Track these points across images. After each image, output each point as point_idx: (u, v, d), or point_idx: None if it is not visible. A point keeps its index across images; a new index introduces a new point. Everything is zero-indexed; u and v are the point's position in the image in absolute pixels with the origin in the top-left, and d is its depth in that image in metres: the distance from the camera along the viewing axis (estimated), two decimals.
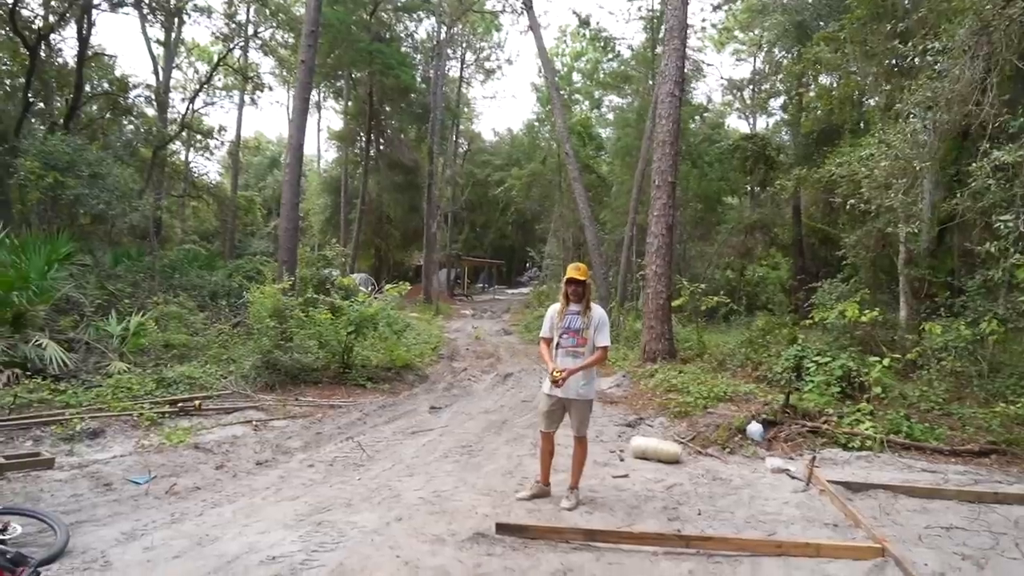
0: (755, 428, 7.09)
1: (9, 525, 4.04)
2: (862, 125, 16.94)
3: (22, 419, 6.80)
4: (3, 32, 18.89)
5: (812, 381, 8.63)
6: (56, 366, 8.46)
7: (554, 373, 5.00)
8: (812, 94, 20.61)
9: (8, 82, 19.84)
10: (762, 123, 34.62)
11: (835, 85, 15.53)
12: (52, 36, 18.98)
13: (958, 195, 8.48)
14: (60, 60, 20.70)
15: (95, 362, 9.30)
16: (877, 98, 13.44)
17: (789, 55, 22.30)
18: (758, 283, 23.87)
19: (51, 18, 18.32)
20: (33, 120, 18.77)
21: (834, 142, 16.29)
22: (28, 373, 8.13)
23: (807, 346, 9.78)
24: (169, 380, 8.92)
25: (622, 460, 6.57)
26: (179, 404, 8.04)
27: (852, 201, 10.11)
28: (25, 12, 17.59)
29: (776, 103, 29.73)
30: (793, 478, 5.90)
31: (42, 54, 17.88)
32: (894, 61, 12.04)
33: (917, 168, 8.77)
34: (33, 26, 17.45)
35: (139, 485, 5.47)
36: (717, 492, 5.54)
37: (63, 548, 3.88)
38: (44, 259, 9.79)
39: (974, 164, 7.58)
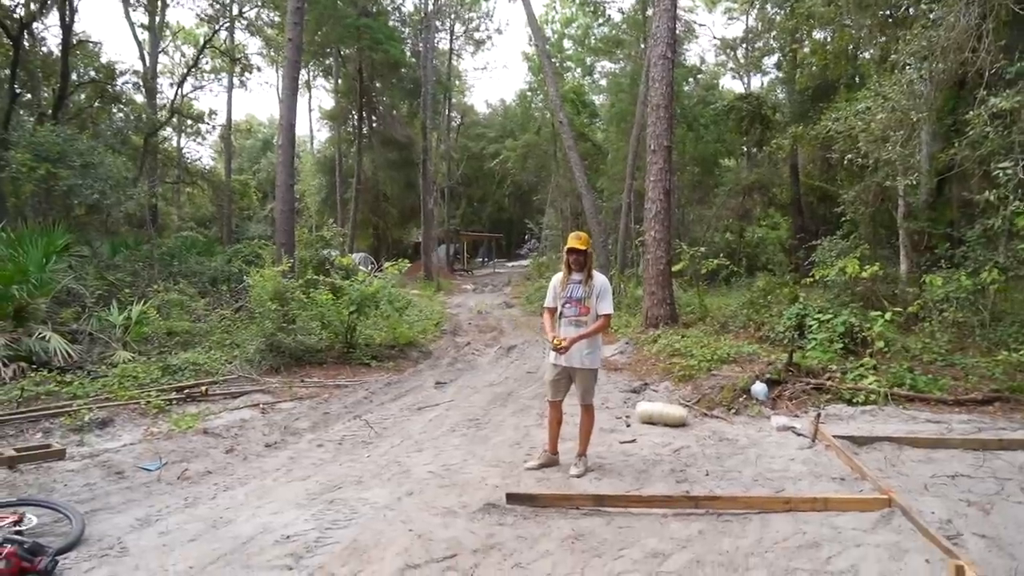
0: (759, 388, 7.12)
1: (25, 516, 4.07)
2: (857, 79, 16.75)
3: (31, 412, 6.84)
4: None
5: (815, 339, 8.65)
6: (61, 358, 8.49)
7: (555, 341, 5.01)
8: (806, 50, 20.33)
9: None
10: (756, 82, 34.24)
11: (829, 39, 15.29)
12: (35, 25, 18.72)
13: (956, 145, 8.40)
14: (44, 49, 20.48)
15: (99, 352, 9.33)
16: (872, 50, 13.28)
17: (782, 11, 21.96)
18: (757, 244, 23.82)
19: (32, 6, 18.02)
20: (21, 112, 18.60)
21: (830, 98, 16.11)
22: (34, 366, 8.16)
23: (809, 304, 9.79)
24: (174, 367, 8.96)
25: (628, 426, 6.61)
26: (186, 390, 8.09)
27: (850, 156, 10.02)
28: (5, 1, 17.34)
29: (770, 61, 29.37)
30: (799, 435, 5.94)
31: (26, 44, 17.65)
32: (888, 12, 11.84)
33: (915, 119, 8.69)
34: (14, 15, 17.18)
35: (151, 472, 5.52)
36: (724, 452, 5.59)
37: (79, 536, 3.92)
38: (42, 252, 9.76)
39: (972, 113, 7.50)
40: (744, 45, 32.61)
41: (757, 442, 5.84)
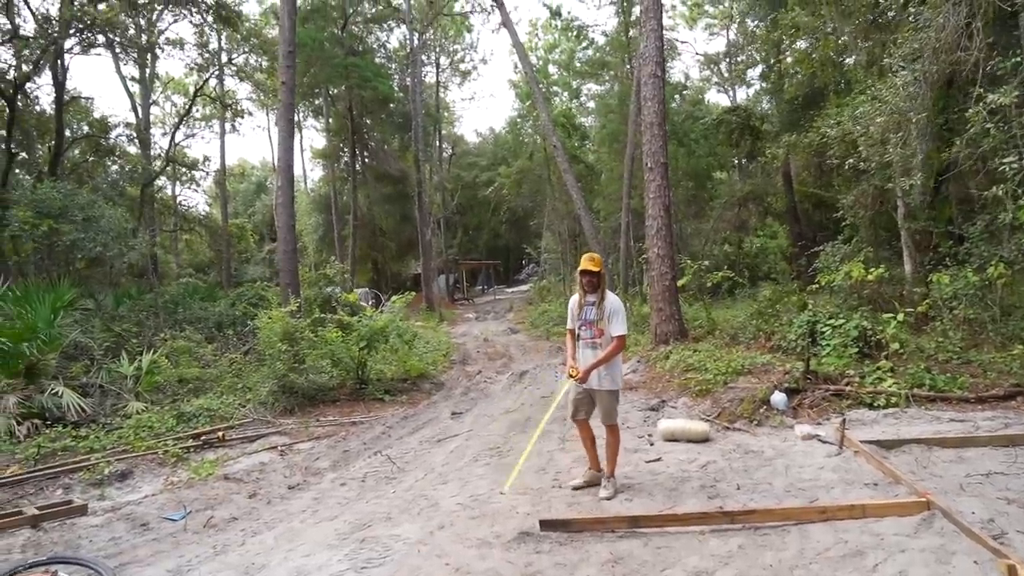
0: (779, 397, 7.09)
1: (57, 574, 4.02)
2: (843, 85, 16.92)
3: (49, 468, 6.78)
4: None
5: (828, 345, 8.62)
6: (74, 412, 8.44)
7: (571, 371, 5.06)
8: (790, 60, 20.58)
9: None
10: (741, 94, 34.65)
11: (813, 48, 15.47)
12: (28, 85, 18.92)
13: (957, 143, 8.46)
14: (38, 108, 20.67)
15: (112, 404, 9.29)
16: (857, 55, 13.43)
17: (763, 23, 22.27)
18: (757, 254, 23.87)
19: (24, 67, 18.25)
20: (17, 171, 18.72)
21: (819, 105, 16.27)
22: (48, 422, 8.12)
23: (818, 311, 9.77)
24: (188, 414, 8.91)
25: (652, 444, 6.56)
26: (202, 437, 8.04)
27: (851, 160, 10.08)
28: None
29: (754, 73, 29.74)
30: (824, 443, 5.90)
31: (19, 104, 17.82)
32: (871, 17, 12.02)
33: (913, 120, 8.76)
34: (8, 77, 17.38)
35: (176, 522, 5.47)
36: (751, 465, 5.54)
37: None
38: (49, 307, 9.76)
39: (970, 110, 7.57)
40: (727, 59, 33.10)
41: (784, 452, 5.80)
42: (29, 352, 8.93)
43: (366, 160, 38.02)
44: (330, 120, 36.40)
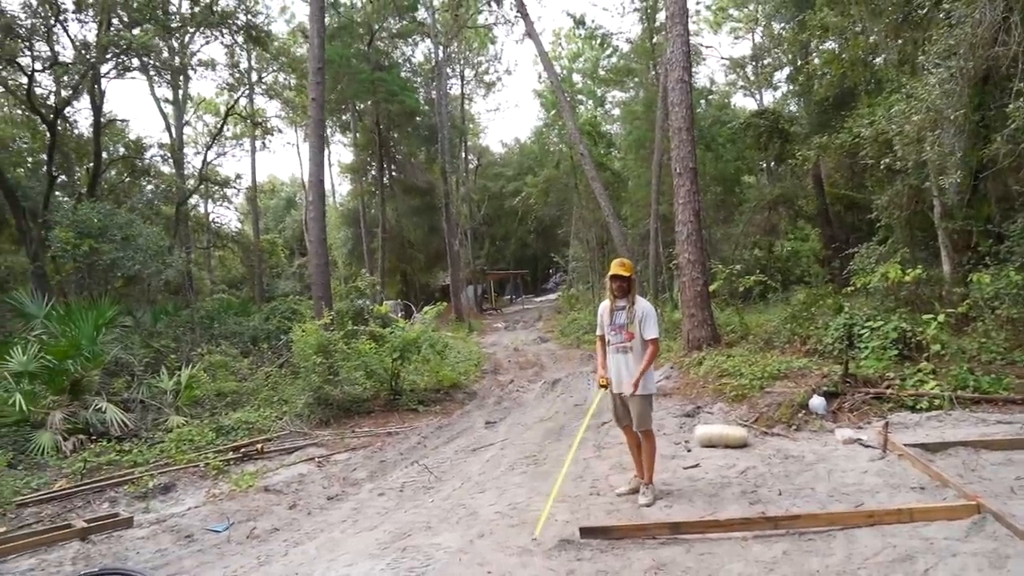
0: (818, 401, 6.98)
1: None
2: (873, 84, 16.67)
3: (95, 482, 6.95)
4: (20, 112, 19.55)
5: (867, 347, 8.45)
6: (117, 427, 8.65)
7: (600, 381, 5.11)
8: (817, 61, 20.35)
9: (31, 159, 20.46)
10: (769, 97, 34.32)
11: (843, 48, 15.26)
12: (67, 109, 19.52)
13: (996, 139, 8.28)
14: (76, 131, 21.30)
15: (153, 419, 9.49)
16: (888, 54, 13.24)
17: (790, 25, 22.06)
18: (788, 258, 23.53)
19: (64, 92, 18.84)
20: (57, 193, 19.29)
21: (850, 105, 16.04)
22: (92, 437, 8.32)
23: (855, 313, 9.61)
24: (227, 427, 9.08)
25: (689, 451, 6.50)
26: (241, 450, 8.17)
27: (886, 160, 9.91)
28: (38, 89, 18.16)
29: (781, 75, 29.46)
30: (867, 447, 5.79)
31: (59, 128, 18.38)
32: (902, 15, 11.83)
33: (951, 117, 8.59)
34: (48, 102, 17.96)
35: (219, 533, 5.56)
36: (792, 470, 5.46)
37: None
38: (91, 325, 10.02)
39: (1010, 105, 7.40)
40: (753, 62, 32.83)
41: (825, 457, 5.70)
42: (74, 369, 9.17)
43: (393, 173, 38.40)
44: (357, 134, 36.87)
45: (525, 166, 41.02)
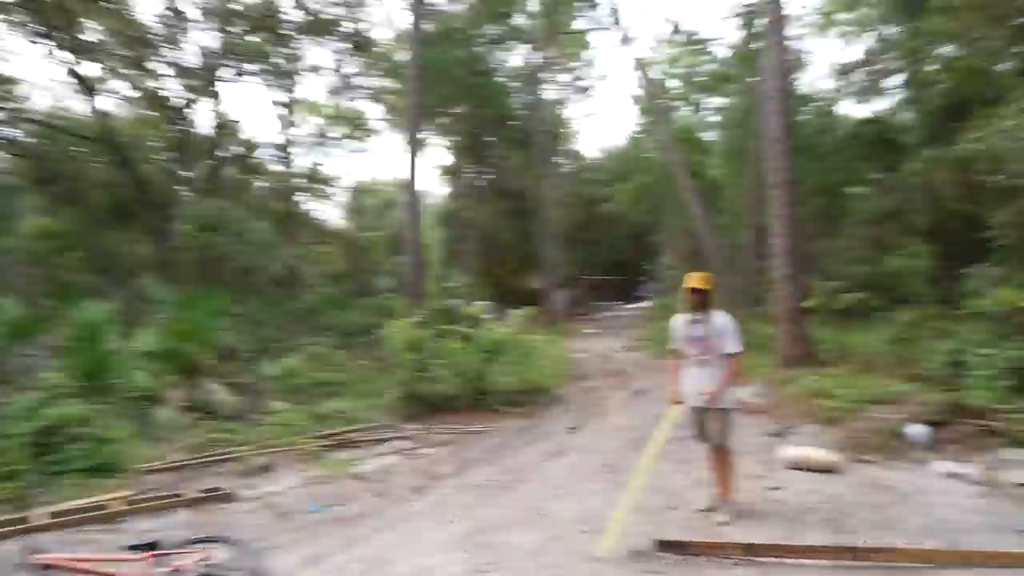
0: (917, 430, 6.67)
1: (212, 552, 4.51)
2: (990, 95, 15.52)
3: (205, 458, 7.57)
4: (150, 111, 21.28)
5: (977, 375, 7.96)
6: (226, 408, 9.33)
7: (673, 397, 5.19)
8: (929, 69, 19.15)
9: (156, 157, 22.23)
10: (878, 105, 32.47)
11: (959, 56, 14.30)
12: (188, 109, 21.11)
13: None
14: (197, 130, 22.96)
15: (257, 403, 10.15)
16: (1009, 63, 12.35)
17: (901, 29, 20.86)
18: (895, 275, 22.24)
19: (187, 94, 20.37)
20: (179, 188, 20.89)
21: (965, 116, 15.04)
22: (204, 415, 9.02)
23: (965, 338, 9.05)
24: (323, 415, 9.58)
25: (774, 472, 6.37)
26: (335, 437, 8.62)
27: (1002, 177, 9.29)
28: (164, 92, 19.74)
29: (891, 83, 27.83)
30: (970, 482, 5.50)
31: (182, 127, 19.89)
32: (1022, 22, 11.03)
33: None
34: (173, 104, 19.50)
35: (311, 513, 5.93)
36: (883, 500, 5.27)
37: (258, 572, 4.30)
38: (207, 312, 10.83)
39: None
40: (862, 68, 31.18)
41: (920, 489, 5.47)
42: (191, 352, 9.96)
43: (488, 177, 39.03)
44: (454, 138, 37.71)
45: (619, 172, 40.68)
